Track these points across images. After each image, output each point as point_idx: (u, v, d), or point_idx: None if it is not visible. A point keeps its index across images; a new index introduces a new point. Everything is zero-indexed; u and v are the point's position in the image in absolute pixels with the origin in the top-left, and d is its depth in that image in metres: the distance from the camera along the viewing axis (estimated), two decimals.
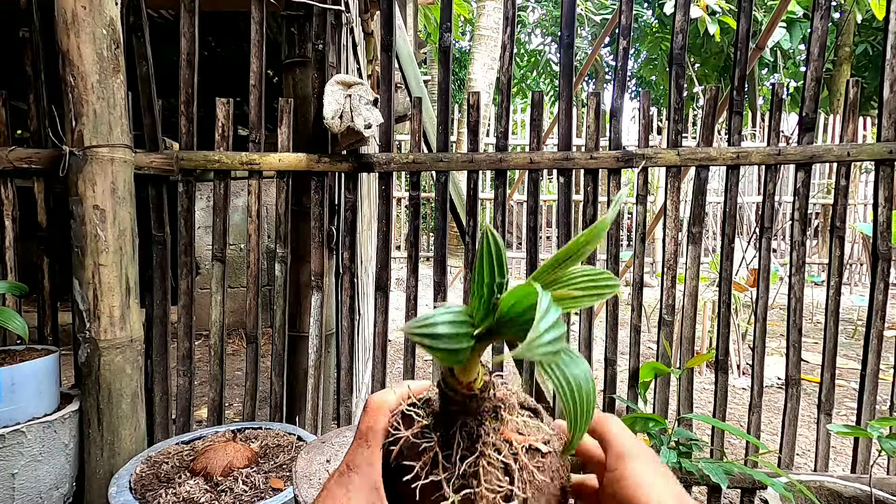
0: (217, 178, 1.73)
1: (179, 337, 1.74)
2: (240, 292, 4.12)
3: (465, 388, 0.38)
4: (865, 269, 7.63)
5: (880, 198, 1.67)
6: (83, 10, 1.37)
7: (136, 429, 1.54)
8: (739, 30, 1.69)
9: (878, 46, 10.01)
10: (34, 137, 1.68)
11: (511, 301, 0.33)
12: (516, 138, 8.80)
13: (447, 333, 0.33)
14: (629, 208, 8.65)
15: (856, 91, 1.70)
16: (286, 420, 1.80)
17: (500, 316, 0.33)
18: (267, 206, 3.87)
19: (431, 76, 7.25)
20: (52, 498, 1.42)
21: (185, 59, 1.67)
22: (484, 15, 7.88)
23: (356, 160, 1.72)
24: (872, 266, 1.70)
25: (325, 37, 1.72)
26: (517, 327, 0.33)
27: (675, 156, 1.69)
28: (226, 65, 4.45)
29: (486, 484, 0.37)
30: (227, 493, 1.20)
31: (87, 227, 1.42)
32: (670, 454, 1.45)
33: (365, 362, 2.74)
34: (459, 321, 0.35)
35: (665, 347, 1.76)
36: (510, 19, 1.75)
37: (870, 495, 1.37)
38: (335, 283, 1.86)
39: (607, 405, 1.80)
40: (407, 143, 7.89)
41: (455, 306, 0.36)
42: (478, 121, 1.77)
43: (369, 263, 3.14)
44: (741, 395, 3.26)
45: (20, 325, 1.45)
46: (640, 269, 1.75)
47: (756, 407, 1.75)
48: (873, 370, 1.69)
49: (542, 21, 14.99)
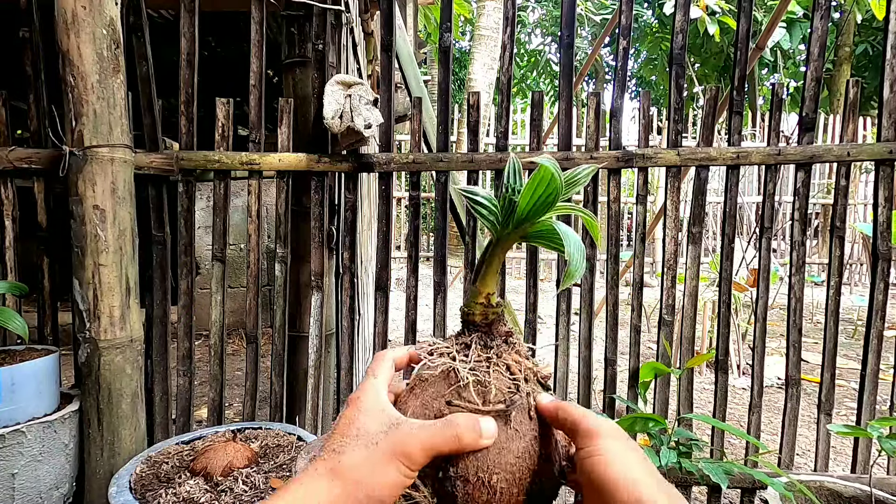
0: (217, 178, 1.72)
1: (179, 337, 1.74)
2: (240, 292, 4.12)
3: (485, 299, 0.48)
4: (865, 269, 7.63)
5: (880, 198, 1.67)
6: (83, 10, 1.37)
7: (136, 429, 1.54)
8: (739, 30, 1.69)
9: (878, 46, 10.01)
10: (34, 137, 1.68)
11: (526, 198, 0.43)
12: (516, 138, 8.80)
13: (485, 198, 0.46)
14: (629, 208, 8.65)
15: (856, 91, 1.70)
16: (286, 420, 1.80)
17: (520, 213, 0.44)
18: (267, 206, 3.87)
19: (431, 76, 7.24)
20: (52, 498, 1.42)
21: (185, 59, 1.67)
22: (484, 15, 7.88)
23: (356, 160, 1.72)
24: (872, 266, 1.70)
25: (325, 37, 1.72)
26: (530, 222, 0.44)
27: (675, 156, 1.69)
28: (226, 65, 4.45)
29: (494, 374, 0.44)
30: (227, 493, 1.20)
31: (87, 227, 1.42)
32: (670, 454, 1.45)
33: (365, 362, 2.74)
34: (492, 202, 0.46)
35: (665, 347, 1.76)
36: (510, 19, 1.75)
37: (870, 495, 1.37)
38: (335, 283, 1.86)
39: (607, 405, 1.80)
40: (407, 143, 7.89)
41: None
42: (478, 121, 1.77)
43: (369, 263, 3.14)
44: (741, 395, 3.26)
45: (20, 325, 1.45)
46: (640, 269, 1.75)
47: (756, 407, 1.75)
48: (873, 370, 1.69)
49: (542, 21, 14.99)
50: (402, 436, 0.40)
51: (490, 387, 0.44)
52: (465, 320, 0.49)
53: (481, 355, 0.46)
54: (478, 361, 0.45)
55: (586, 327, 1.78)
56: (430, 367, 0.46)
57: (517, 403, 0.43)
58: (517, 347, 0.49)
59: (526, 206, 0.43)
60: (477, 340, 0.47)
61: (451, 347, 0.47)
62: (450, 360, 0.46)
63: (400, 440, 0.40)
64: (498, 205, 0.46)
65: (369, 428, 0.41)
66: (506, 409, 0.43)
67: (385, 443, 0.40)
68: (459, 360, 0.45)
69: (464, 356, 0.46)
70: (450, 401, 0.43)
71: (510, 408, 0.43)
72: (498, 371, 0.45)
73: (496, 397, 0.43)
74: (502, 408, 0.43)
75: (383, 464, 0.39)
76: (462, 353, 0.46)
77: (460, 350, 0.47)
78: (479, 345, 0.47)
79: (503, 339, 0.48)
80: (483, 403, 0.43)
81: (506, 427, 0.42)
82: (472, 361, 0.45)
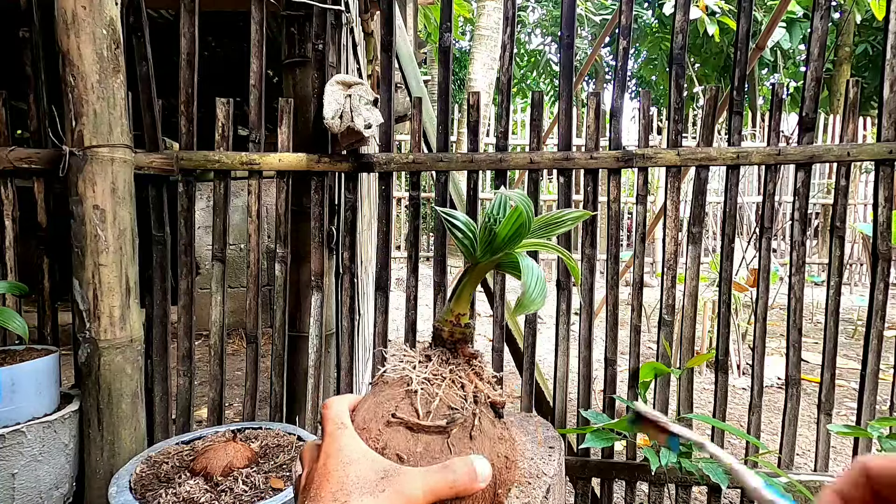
0: (217, 178, 1.72)
1: (179, 337, 1.74)
2: (240, 292, 4.12)
3: (455, 318, 0.50)
4: (865, 269, 7.63)
5: (880, 198, 1.67)
6: (83, 10, 1.37)
7: (136, 429, 1.54)
8: (739, 30, 1.68)
9: (878, 46, 10.01)
10: (34, 137, 1.68)
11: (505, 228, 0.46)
12: (516, 138, 8.80)
13: (464, 223, 0.49)
14: (629, 208, 8.64)
15: (856, 91, 1.70)
16: (286, 420, 1.80)
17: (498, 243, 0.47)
18: (267, 206, 3.87)
19: (431, 76, 7.24)
20: (52, 498, 1.42)
21: (185, 59, 1.67)
22: (484, 15, 7.88)
23: (356, 160, 1.72)
24: (872, 266, 1.70)
25: (325, 37, 1.72)
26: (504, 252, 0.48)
27: (675, 156, 1.69)
28: (226, 65, 4.45)
29: (446, 389, 0.46)
30: (227, 493, 1.20)
31: (87, 227, 1.42)
32: (670, 454, 1.45)
33: (365, 362, 2.74)
34: (471, 228, 0.49)
35: (665, 347, 1.76)
36: (510, 19, 1.75)
37: None
38: (335, 283, 1.86)
39: (607, 405, 1.80)
40: (407, 143, 7.89)
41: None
42: (478, 121, 1.77)
43: (369, 263, 3.14)
44: (741, 395, 3.26)
45: (20, 325, 1.45)
46: (640, 269, 1.75)
47: (756, 407, 1.75)
48: (873, 370, 1.69)
49: (542, 21, 14.99)
50: (406, 482, 0.41)
51: (435, 399, 0.45)
52: (434, 335, 0.52)
53: (438, 370, 0.48)
54: (434, 374, 0.47)
55: (586, 327, 1.78)
56: (392, 371, 0.48)
57: (457, 422, 0.45)
58: (478, 370, 0.51)
59: (504, 236, 0.47)
60: (439, 355, 0.50)
61: (414, 358, 0.49)
62: (410, 368, 0.48)
63: (405, 487, 0.40)
64: (476, 231, 0.49)
65: (367, 477, 0.41)
66: (446, 426, 0.44)
67: (391, 490, 0.40)
68: (417, 371, 0.47)
69: (423, 368, 0.48)
70: (394, 413, 0.45)
71: (450, 425, 0.44)
72: (452, 387, 0.47)
73: (439, 411, 0.45)
74: (442, 424, 0.44)
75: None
76: (422, 365, 0.49)
77: (422, 361, 0.49)
78: (439, 359, 0.49)
79: (466, 359, 0.50)
80: (424, 416, 0.44)
81: (443, 444, 0.44)
82: (428, 373, 0.47)
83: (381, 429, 0.44)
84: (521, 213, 0.45)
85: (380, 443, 0.44)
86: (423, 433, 0.44)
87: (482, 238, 0.48)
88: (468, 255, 0.50)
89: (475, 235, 0.49)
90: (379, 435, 0.44)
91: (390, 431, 0.44)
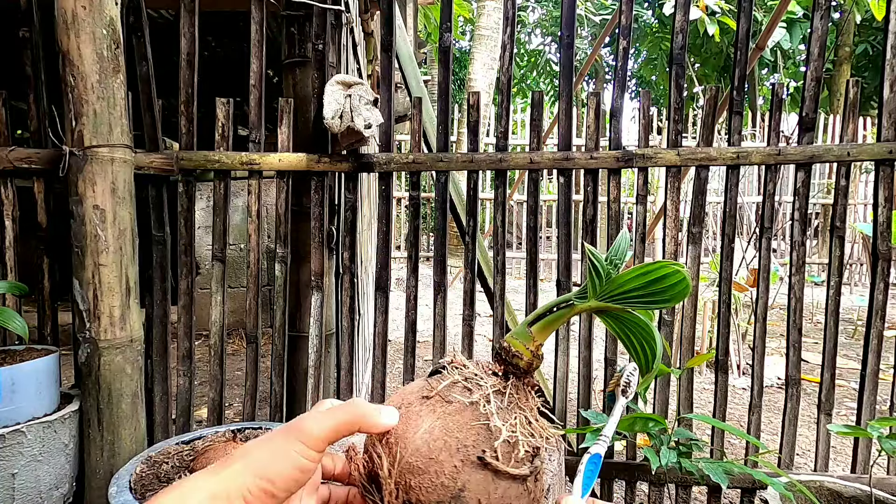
0: (217, 178, 1.72)
1: (179, 337, 1.74)
2: (240, 292, 4.11)
3: (535, 348, 0.47)
4: (865, 269, 7.62)
5: (880, 198, 1.67)
6: (83, 10, 1.37)
7: (136, 429, 1.54)
8: (739, 30, 1.68)
9: (878, 46, 10.01)
10: (34, 137, 1.68)
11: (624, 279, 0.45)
12: (516, 138, 8.80)
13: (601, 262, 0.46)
14: (629, 208, 8.64)
15: (856, 91, 1.70)
16: (286, 420, 1.80)
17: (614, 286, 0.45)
18: (267, 206, 3.87)
19: (431, 76, 7.24)
20: (52, 498, 1.42)
21: (185, 59, 1.67)
22: (484, 15, 7.89)
23: (356, 160, 1.72)
24: (872, 266, 1.70)
25: (325, 37, 1.72)
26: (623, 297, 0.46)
27: (675, 156, 1.69)
28: (226, 65, 4.45)
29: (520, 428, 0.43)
30: None
31: (87, 227, 1.42)
32: (670, 454, 1.45)
33: (365, 362, 2.74)
34: (605, 269, 0.46)
35: (665, 347, 1.76)
36: (510, 19, 1.75)
37: (870, 495, 1.37)
38: (335, 283, 1.86)
39: (607, 405, 1.80)
40: (407, 143, 7.89)
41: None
42: (478, 121, 1.77)
43: (369, 263, 3.14)
44: (741, 395, 3.26)
45: (20, 325, 1.45)
46: None
47: (756, 407, 1.75)
48: (873, 370, 1.69)
49: (542, 21, 14.99)
50: (300, 419, 0.40)
51: (519, 447, 0.42)
52: (505, 358, 0.47)
53: (513, 403, 0.45)
54: (509, 411, 0.44)
55: (586, 327, 1.78)
56: (459, 392, 0.44)
57: (539, 470, 0.41)
58: (538, 404, 0.47)
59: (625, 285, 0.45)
60: (512, 388, 0.45)
61: (484, 382, 0.45)
62: (484, 399, 0.44)
63: (297, 421, 0.39)
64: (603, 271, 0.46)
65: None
66: (528, 473, 0.41)
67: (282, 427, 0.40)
68: (494, 403, 0.44)
69: (498, 398, 0.44)
70: (480, 456, 0.41)
71: (533, 473, 0.41)
72: (525, 426, 0.44)
73: (518, 454, 0.41)
74: (526, 472, 0.41)
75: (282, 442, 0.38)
76: (496, 395, 0.44)
77: (497, 390, 0.45)
78: (514, 394, 0.45)
79: (535, 391, 0.47)
80: (510, 460, 0.41)
81: (520, 491, 0.41)
82: (504, 405, 0.44)
83: (457, 465, 0.40)
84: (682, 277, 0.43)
85: (457, 482, 0.40)
86: (503, 479, 0.40)
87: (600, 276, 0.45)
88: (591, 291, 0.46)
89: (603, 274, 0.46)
90: (456, 473, 0.40)
91: (470, 472, 0.40)
